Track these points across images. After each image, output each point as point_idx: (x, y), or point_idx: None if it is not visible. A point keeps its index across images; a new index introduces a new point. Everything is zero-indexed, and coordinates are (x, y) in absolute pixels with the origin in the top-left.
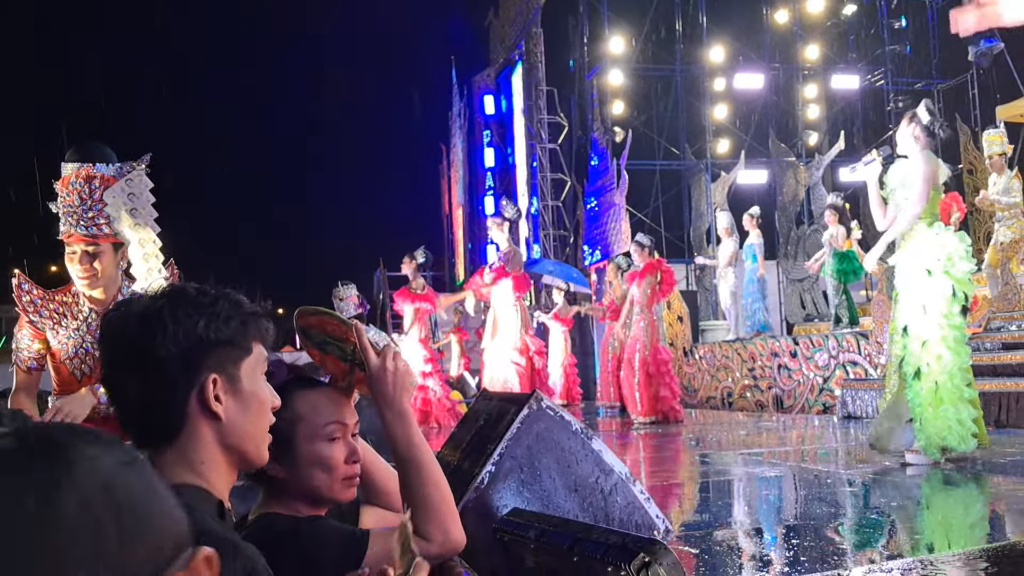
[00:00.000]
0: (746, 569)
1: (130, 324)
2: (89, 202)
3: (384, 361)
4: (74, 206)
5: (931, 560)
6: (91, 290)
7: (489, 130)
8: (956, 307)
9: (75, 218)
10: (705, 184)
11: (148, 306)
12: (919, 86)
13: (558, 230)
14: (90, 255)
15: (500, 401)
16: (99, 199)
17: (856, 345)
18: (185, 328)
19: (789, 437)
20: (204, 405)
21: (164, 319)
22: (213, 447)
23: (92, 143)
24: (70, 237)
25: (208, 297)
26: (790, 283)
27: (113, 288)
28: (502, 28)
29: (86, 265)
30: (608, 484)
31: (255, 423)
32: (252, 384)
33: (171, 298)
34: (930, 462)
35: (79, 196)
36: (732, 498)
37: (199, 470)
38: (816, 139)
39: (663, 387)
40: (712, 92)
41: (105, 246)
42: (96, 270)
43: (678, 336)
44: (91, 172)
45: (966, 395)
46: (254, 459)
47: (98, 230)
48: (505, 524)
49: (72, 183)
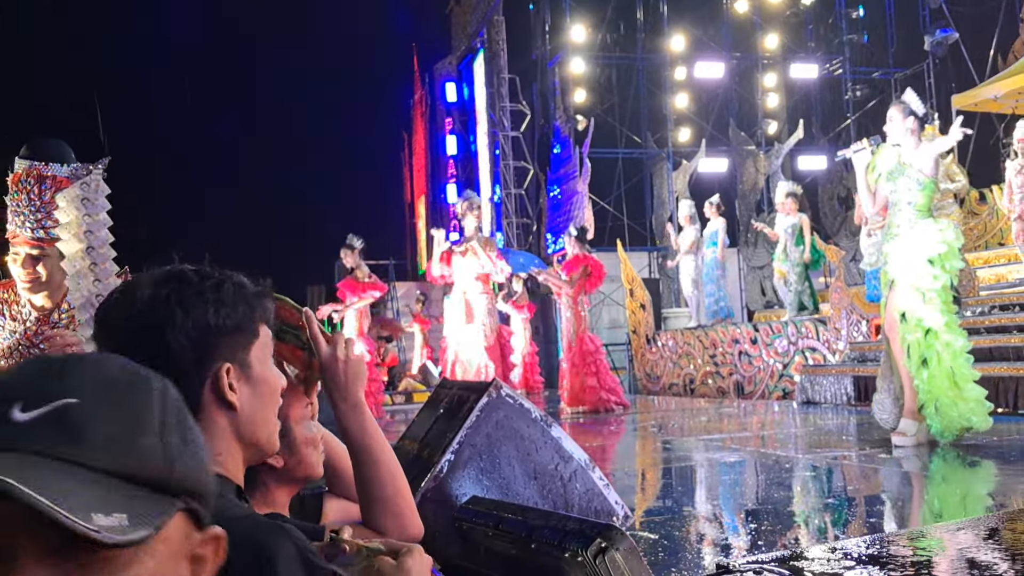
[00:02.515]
0: (706, 553)
1: (135, 315)
2: (38, 203)
3: (335, 350)
4: (21, 206)
5: (886, 538)
6: (33, 294)
7: (451, 118)
8: (951, 296)
9: (21, 219)
10: (667, 172)
11: (153, 295)
12: (876, 75)
13: (521, 218)
14: (34, 258)
15: (460, 389)
16: (49, 201)
17: (815, 332)
18: (194, 317)
19: (750, 423)
20: (219, 395)
21: (172, 308)
22: (229, 438)
23: (49, 140)
24: (15, 238)
25: (212, 281)
26: (750, 270)
27: (58, 294)
28: (464, 16)
29: (29, 269)
30: (567, 471)
31: (269, 409)
32: (262, 369)
33: (175, 285)
34: (913, 444)
35: (28, 196)
36: (693, 484)
37: (217, 461)
38: (776, 128)
39: (590, 377)
40: (673, 81)
41: (51, 250)
42: (39, 274)
43: (641, 324)
44: (43, 172)
45: (975, 377)
46: (266, 447)
47: (45, 233)
48: (464, 512)
49: (22, 181)
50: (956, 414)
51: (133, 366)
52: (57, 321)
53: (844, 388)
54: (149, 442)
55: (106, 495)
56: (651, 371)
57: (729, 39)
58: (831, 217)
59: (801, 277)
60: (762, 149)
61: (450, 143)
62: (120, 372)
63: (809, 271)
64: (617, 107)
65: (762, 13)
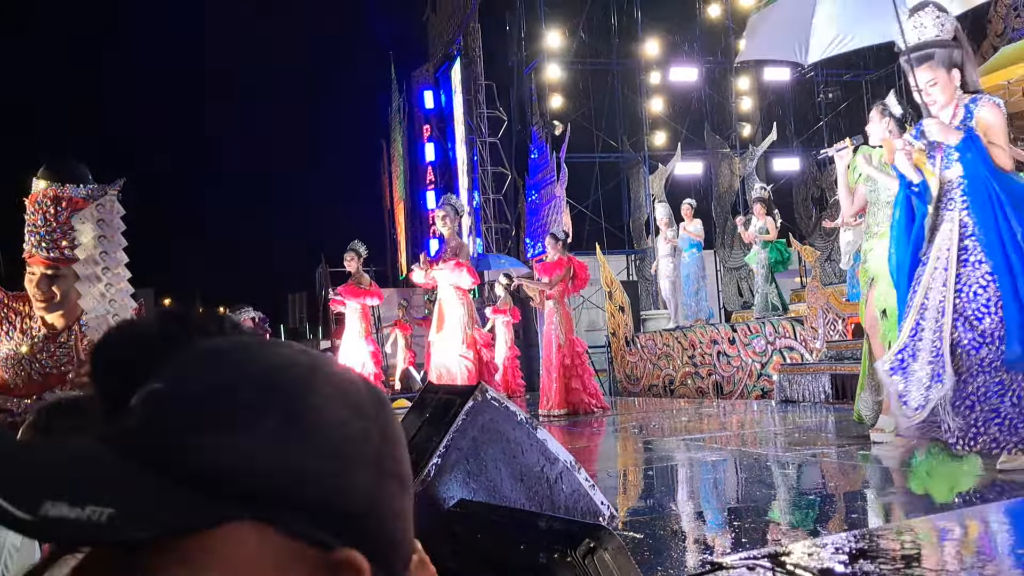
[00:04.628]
0: (690, 551)
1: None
2: (54, 223)
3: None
4: (38, 226)
5: (868, 533)
6: (48, 314)
7: (429, 125)
8: None
9: (37, 239)
10: (643, 176)
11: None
12: (848, 77)
13: (500, 223)
14: (49, 278)
15: (446, 393)
16: (65, 222)
17: (792, 331)
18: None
19: (729, 422)
20: None
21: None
22: None
23: (65, 160)
24: (31, 258)
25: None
26: (727, 271)
27: (72, 315)
28: (440, 23)
29: (44, 289)
30: (553, 472)
31: None
32: None
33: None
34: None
35: (44, 216)
36: (675, 483)
37: None
38: (750, 130)
39: (575, 379)
40: (648, 85)
41: (67, 270)
42: (54, 294)
43: (620, 326)
44: (59, 193)
45: None
46: None
47: (60, 254)
48: (452, 516)
49: (39, 202)
50: None
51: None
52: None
53: (822, 386)
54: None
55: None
56: (631, 373)
57: (702, 44)
58: (806, 218)
59: (767, 279)
60: (737, 152)
61: (428, 150)
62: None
63: (774, 273)
64: (593, 112)
65: (735, 18)
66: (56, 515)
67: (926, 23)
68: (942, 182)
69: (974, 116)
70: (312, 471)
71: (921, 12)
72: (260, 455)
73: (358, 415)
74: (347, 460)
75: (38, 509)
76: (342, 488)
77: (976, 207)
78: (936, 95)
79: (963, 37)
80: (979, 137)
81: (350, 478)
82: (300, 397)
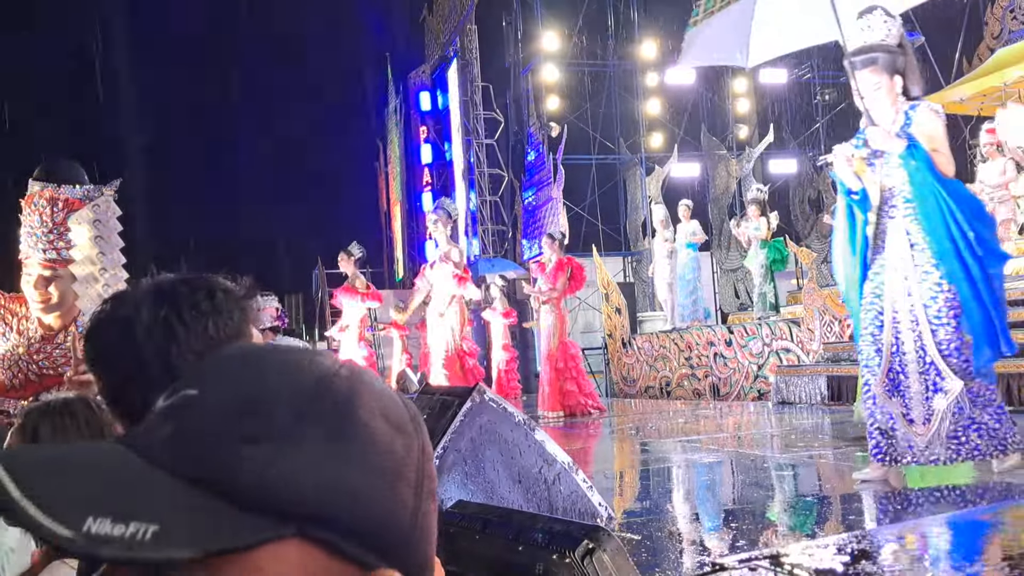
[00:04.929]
0: (687, 552)
1: (139, 343)
2: (50, 224)
3: None
4: (34, 227)
5: (865, 535)
6: (45, 315)
7: (425, 126)
8: None
9: (34, 240)
10: (640, 177)
11: (151, 318)
12: (843, 80)
13: (496, 225)
14: (47, 279)
15: (443, 395)
16: (61, 223)
17: (789, 333)
18: (196, 332)
19: (726, 424)
20: None
21: (174, 328)
22: None
23: (62, 161)
24: (28, 259)
25: (203, 292)
26: (724, 273)
27: (69, 316)
28: (437, 25)
29: (42, 290)
30: (551, 474)
31: None
32: None
33: (167, 301)
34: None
35: (40, 217)
36: (672, 484)
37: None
38: (746, 132)
39: (569, 381)
40: (645, 87)
41: (64, 271)
42: (51, 295)
43: (616, 328)
44: (55, 194)
45: None
46: None
47: (57, 254)
48: (449, 517)
49: (35, 203)
50: None
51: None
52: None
53: (818, 388)
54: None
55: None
56: (627, 374)
57: None
58: (802, 220)
59: (766, 278)
60: (733, 154)
61: (425, 151)
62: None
63: (774, 272)
64: (590, 114)
65: None
66: (99, 532)
67: (874, 25)
68: (882, 190)
69: (913, 123)
70: (360, 489)
71: (869, 15)
72: (307, 471)
73: (401, 432)
74: (393, 478)
75: (81, 526)
76: (389, 508)
77: (923, 215)
78: (879, 100)
79: (908, 45)
80: (921, 144)
81: (396, 497)
82: (347, 411)
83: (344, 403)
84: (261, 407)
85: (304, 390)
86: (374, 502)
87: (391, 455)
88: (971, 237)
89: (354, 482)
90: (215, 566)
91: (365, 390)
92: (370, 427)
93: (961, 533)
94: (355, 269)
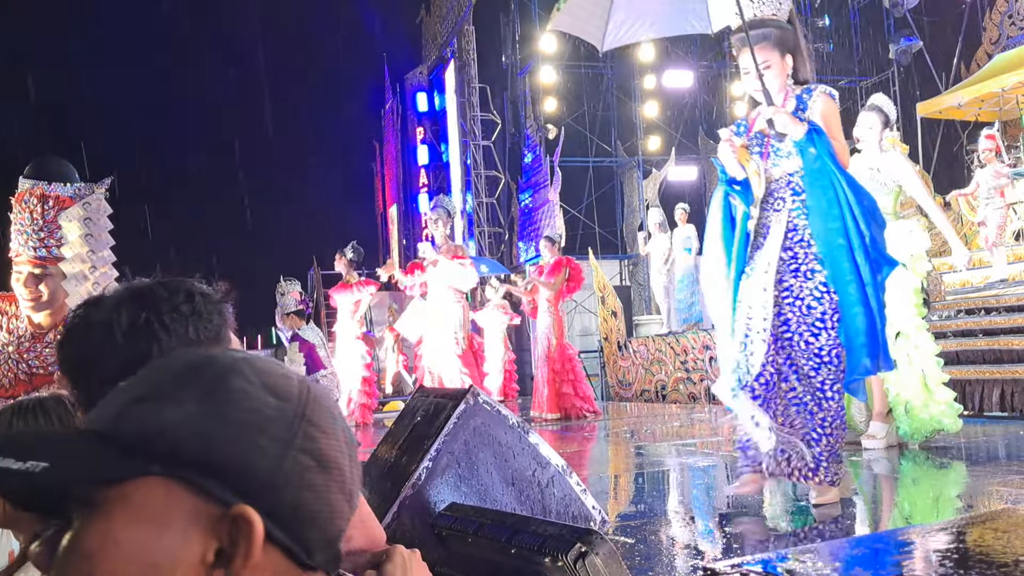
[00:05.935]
0: (680, 557)
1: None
2: (41, 222)
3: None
4: (24, 225)
5: (867, 540)
6: (35, 313)
7: (422, 127)
8: (921, 298)
9: (25, 238)
10: (637, 180)
11: (132, 322)
12: (842, 83)
13: (493, 227)
14: (36, 277)
15: (437, 397)
16: (52, 220)
17: None
18: (177, 335)
19: (721, 428)
20: None
21: (155, 332)
22: None
23: (52, 159)
24: (18, 257)
25: (182, 295)
26: None
27: (59, 314)
28: (434, 25)
29: (31, 288)
30: (545, 477)
31: None
32: None
33: (147, 304)
34: (883, 446)
35: (31, 215)
36: (667, 488)
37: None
38: None
39: (566, 384)
40: (642, 90)
41: (54, 269)
42: (41, 293)
43: (612, 331)
44: (45, 192)
45: (945, 380)
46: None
47: (47, 252)
48: (443, 519)
49: (25, 201)
50: (927, 416)
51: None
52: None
53: None
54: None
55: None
56: (623, 378)
57: (697, 48)
58: None
59: None
60: None
61: (421, 152)
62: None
63: None
64: (587, 116)
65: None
66: (3, 467)
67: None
68: (768, 180)
69: (809, 108)
70: (216, 436)
71: None
72: (178, 424)
73: (280, 399)
74: (254, 431)
75: None
76: (245, 453)
77: (816, 208)
78: (770, 80)
79: (798, 23)
80: (823, 131)
81: (253, 444)
82: (222, 378)
83: (222, 373)
84: (152, 377)
85: (192, 364)
86: (230, 448)
87: (256, 413)
88: (867, 238)
89: (212, 430)
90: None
91: (247, 367)
92: (243, 391)
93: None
94: (350, 268)
